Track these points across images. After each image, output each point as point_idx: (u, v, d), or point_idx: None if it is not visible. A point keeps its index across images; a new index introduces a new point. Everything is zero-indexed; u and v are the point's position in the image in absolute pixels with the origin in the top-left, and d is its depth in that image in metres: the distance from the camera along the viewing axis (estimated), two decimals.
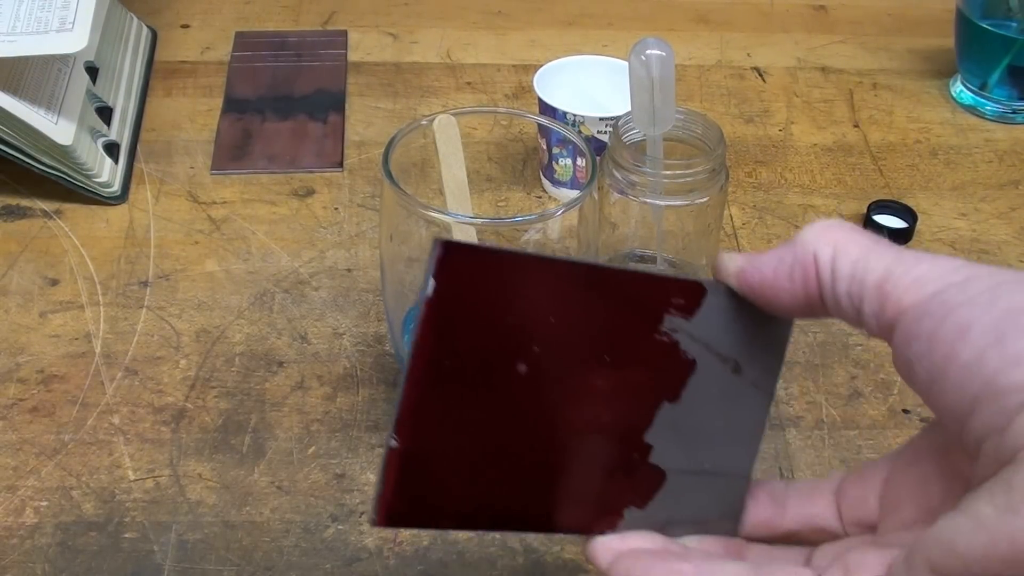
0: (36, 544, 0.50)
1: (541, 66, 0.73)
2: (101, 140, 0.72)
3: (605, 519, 0.34)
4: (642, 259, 0.63)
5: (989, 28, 0.80)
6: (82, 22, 0.69)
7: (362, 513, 0.52)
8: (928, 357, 0.29)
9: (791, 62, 0.89)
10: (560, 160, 0.69)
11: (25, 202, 0.70)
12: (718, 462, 0.36)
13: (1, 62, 0.66)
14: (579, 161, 0.69)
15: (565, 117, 0.68)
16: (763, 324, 0.35)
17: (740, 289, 0.34)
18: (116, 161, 0.72)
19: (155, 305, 0.63)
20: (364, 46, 0.88)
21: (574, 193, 0.61)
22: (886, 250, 0.31)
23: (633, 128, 0.58)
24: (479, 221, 0.49)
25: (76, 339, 0.60)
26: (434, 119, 0.47)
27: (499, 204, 0.72)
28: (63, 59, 0.72)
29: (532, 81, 0.71)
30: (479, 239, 0.48)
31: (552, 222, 0.49)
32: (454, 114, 0.47)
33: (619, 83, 0.70)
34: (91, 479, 0.53)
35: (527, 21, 0.93)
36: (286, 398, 0.57)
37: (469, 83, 0.84)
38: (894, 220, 0.70)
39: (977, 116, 0.83)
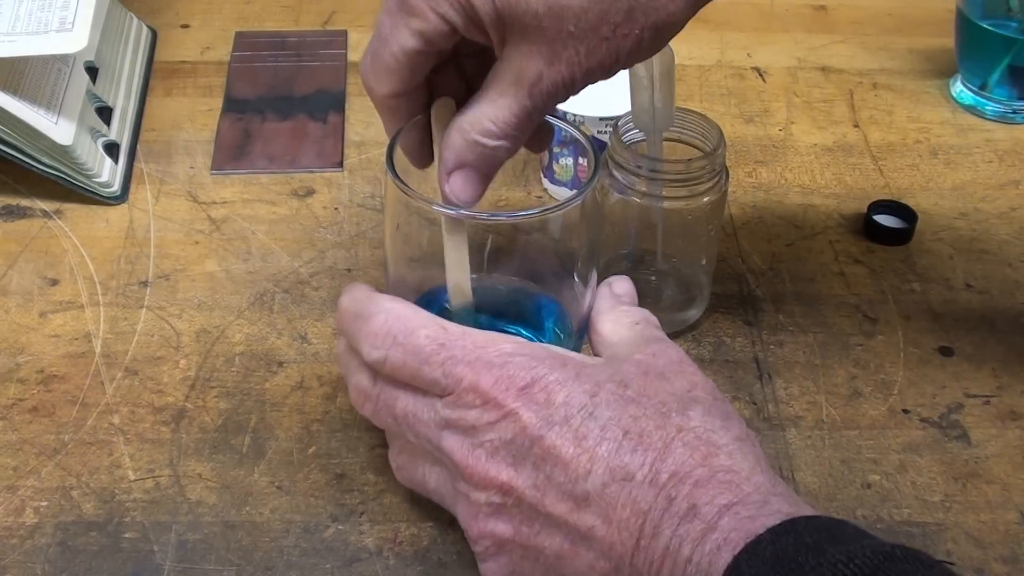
0: (36, 544, 0.50)
1: None
2: (101, 140, 0.72)
3: None
4: (642, 259, 0.63)
5: (989, 28, 0.80)
6: (82, 22, 0.69)
7: (362, 513, 0.52)
8: None
9: (791, 62, 0.89)
10: (560, 160, 0.69)
11: (25, 202, 0.70)
12: None
13: (1, 62, 0.66)
14: (580, 160, 0.68)
15: (565, 117, 0.68)
16: None
17: None
18: (116, 161, 0.72)
19: (155, 305, 0.63)
20: (364, 46, 0.88)
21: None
22: None
23: (633, 128, 0.58)
24: (480, 216, 0.49)
25: (76, 339, 0.60)
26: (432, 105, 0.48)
27: (499, 204, 0.72)
28: (63, 59, 0.72)
29: None
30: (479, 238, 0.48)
31: (552, 220, 0.49)
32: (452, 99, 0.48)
33: (619, 83, 0.70)
34: (91, 479, 0.53)
35: None
36: (286, 398, 0.57)
37: None
38: (894, 220, 0.70)
39: (977, 116, 0.83)
